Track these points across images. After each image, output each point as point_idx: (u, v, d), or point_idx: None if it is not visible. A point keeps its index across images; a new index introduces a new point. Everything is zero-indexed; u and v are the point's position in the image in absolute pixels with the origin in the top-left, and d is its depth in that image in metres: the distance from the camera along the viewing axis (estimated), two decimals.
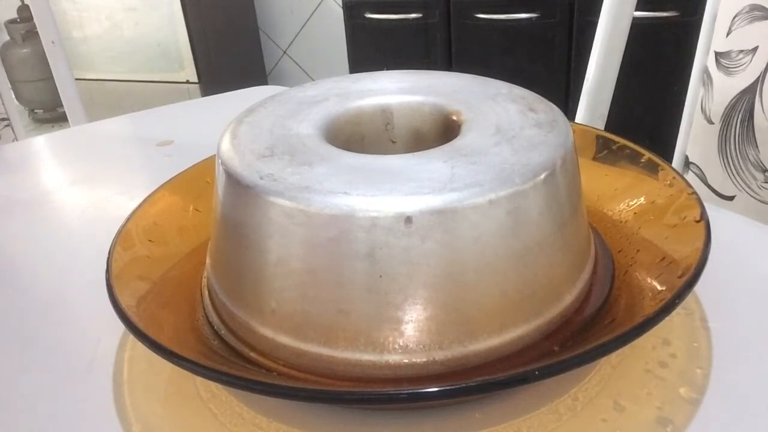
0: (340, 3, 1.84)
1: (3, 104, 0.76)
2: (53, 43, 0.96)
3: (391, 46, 1.75)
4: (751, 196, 0.57)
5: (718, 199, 0.60)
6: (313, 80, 0.35)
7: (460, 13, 1.61)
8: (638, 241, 0.31)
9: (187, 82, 2.11)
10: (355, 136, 0.32)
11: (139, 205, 0.34)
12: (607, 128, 0.64)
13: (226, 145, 0.28)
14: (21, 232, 0.45)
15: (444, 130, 0.31)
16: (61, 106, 1.04)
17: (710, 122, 0.60)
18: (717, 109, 0.59)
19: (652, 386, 0.25)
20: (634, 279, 0.29)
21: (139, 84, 2.17)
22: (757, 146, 0.55)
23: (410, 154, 0.27)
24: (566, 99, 1.56)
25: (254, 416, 0.26)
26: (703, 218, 0.28)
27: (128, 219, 0.33)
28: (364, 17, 1.73)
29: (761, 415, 0.24)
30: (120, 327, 0.26)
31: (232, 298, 0.28)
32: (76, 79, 1.07)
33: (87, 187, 0.52)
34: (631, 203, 0.33)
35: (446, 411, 0.25)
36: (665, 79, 1.39)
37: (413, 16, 1.67)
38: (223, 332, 0.28)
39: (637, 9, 0.72)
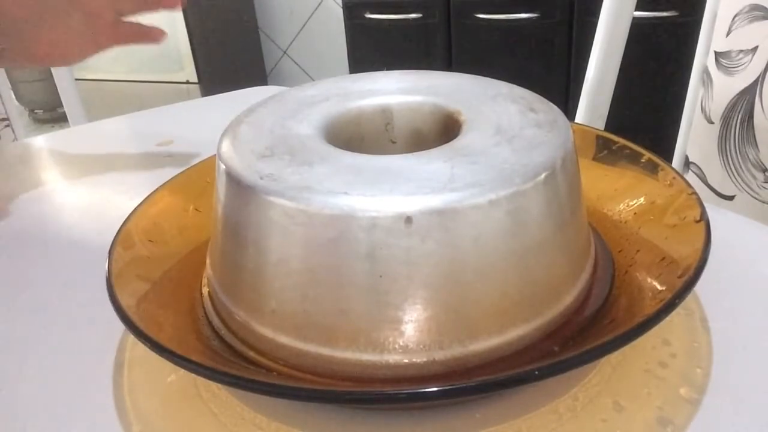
0: (340, 3, 1.84)
1: (3, 104, 0.76)
2: None
3: (391, 46, 1.75)
4: (751, 196, 0.57)
5: (718, 199, 0.60)
6: (313, 80, 0.35)
7: (460, 13, 1.62)
8: (638, 241, 0.31)
9: (187, 82, 2.11)
10: (355, 136, 0.32)
11: (139, 205, 0.34)
12: (607, 128, 0.64)
13: (226, 145, 0.28)
14: (21, 232, 0.45)
15: (444, 130, 0.31)
16: (61, 106, 1.04)
17: (710, 122, 0.60)
18: (717, 109, 0.59)
19: (652, 386, 0.25)
20: (634, 279, 0.29)
21: (139, 84, 2.17)
22: (757, 146, 0.55)
23: (410, 154, 0.27)
24: (566, 99, 1.56)
25: (254, 416, 0.26)
26: (703, 218, 0.28)
27: (128, 219, 0.33)
28: (364, 17, 1.73)
29: (761, 415, 0.24)
30: (120, 327, 0.26)
31: (232, 298, 0.28)
32: (76, 79, 1.07)
33: (87, 187, 0.52)
34: (631, 203, 0.33)
35: (446, 411, 0.25)
36: (665, 79, 1.39)
37: (413, 16, 1.68)
38: (223, 332, 0.28)
39: (637, 9, 0.72)
